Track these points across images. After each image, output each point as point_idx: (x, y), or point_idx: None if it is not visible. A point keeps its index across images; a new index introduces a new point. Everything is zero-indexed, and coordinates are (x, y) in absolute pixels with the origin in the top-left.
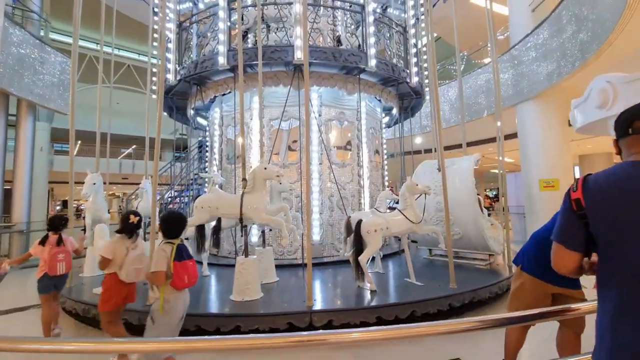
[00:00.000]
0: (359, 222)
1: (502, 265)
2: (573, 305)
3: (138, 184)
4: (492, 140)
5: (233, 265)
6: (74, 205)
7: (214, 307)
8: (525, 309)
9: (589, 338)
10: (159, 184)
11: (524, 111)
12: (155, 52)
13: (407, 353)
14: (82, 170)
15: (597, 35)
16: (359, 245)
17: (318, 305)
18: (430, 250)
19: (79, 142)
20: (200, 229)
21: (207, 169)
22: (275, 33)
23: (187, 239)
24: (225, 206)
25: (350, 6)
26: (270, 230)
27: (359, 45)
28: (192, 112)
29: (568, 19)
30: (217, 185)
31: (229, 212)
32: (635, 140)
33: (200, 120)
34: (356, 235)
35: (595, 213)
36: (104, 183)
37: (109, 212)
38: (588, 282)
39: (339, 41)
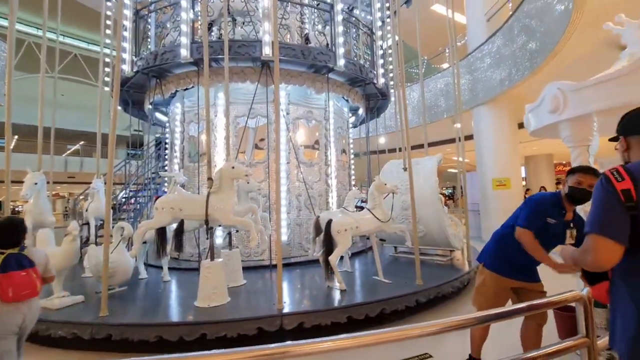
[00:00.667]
0: (329, 222)
1: (461, 261)
2: (539, 301)
3: (86, 183)
4: (451, 141)
5: (196, 269)
6: (11, 207)
7: (176, 315)
8: (489, 303)
9: (549, 329)
10: (113, 183)
11: (479, 114)
12: (108, 41)
13: (380, 350)
14: (21, 168)
15: (545, 45)
16: (329, 245)
17: (288, 307)
18: (395, 247)
19: (16, 136)
20: (161, 231)
21: (167, 168)
22: (242, 27)
23: (145, 242)
24: (190, 207)
25: (319, 4)
26: (237, 231)
27: (327, 44)
28: (150, 106)
29: (519, 29)
30: (178, 185)
31: (194, 213)
32: None
33: (159, 115)
34: (326, 235)
35: None
36: (47, 182)
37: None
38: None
39: (307, 39)
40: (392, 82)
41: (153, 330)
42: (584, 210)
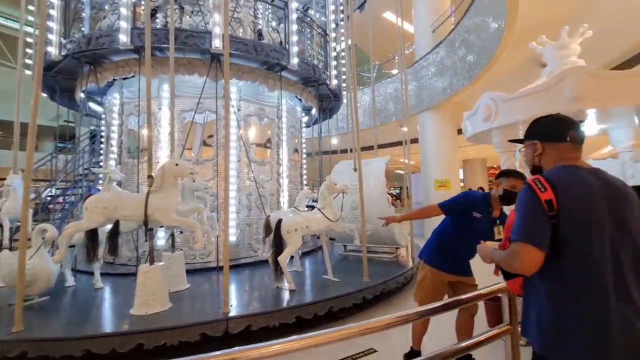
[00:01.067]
0: (279, 222)
1: (406, 257)
2: (472, 294)
3: (1, 179)
4: (399, 143)
5: (134, 274)
6: None
7: (108, 325)
8: (429, 298)
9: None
10: (36, 179)
11: (424, 119)
12: (31, 19)
13: (327, 347)
14: None
15: (481, 59)
16: (278, 245)
17: (235, 310)
18: (345, 246)
19: None
20: (92, 234)
21: (102, 164)
22: (190, 17)
23: (72, 246)
24: (127, 207)
25: (273, 1)
26: (181, 232)
27: (281, 42)
28: (82, 95)
29: (460, 43)
30: (114, 183)
31: (131, 213)
32: (571, 147)
33: (93, 106)
34: (276, 235)
35: (569, 213)
36: None
37: None
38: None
39: (260, 35)
40: (344, 84)
41: (79, 343)
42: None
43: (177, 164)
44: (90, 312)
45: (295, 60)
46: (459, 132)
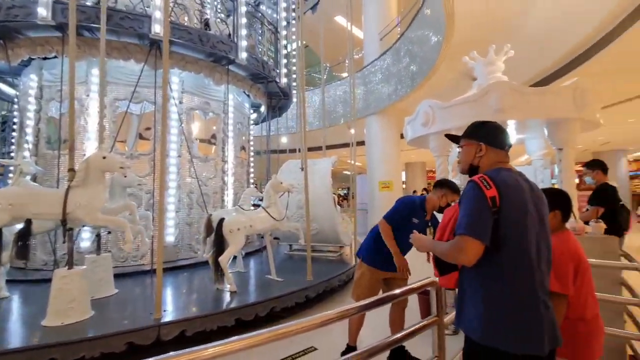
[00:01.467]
0: (221, 221)
1: (349, 255)
2: (405, 288)
3: None
4: (347, 145)
5: (50, 280)
6: None
7: (15, 339)
8: (365, 294)
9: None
10: None
11: (371, 123)
12: None
13: (267, 348)
14: None
15: (423, 69)
16: (219, 245)
17: (169, 316)
18: (290, 245)
19: None
20: None
21: (13, 154)
22: None
23: None
24: (40, 204)
25: None
26: (109, 233)
27: (229, 34)
28: None
29: (404, 52)
30: (27, 177)
31: (45, 211)
32: (505, 154)
33: (3, 87)
34: (217, 235)
35: (509, 210)
36: None
37: None
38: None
39: (207, 25)
40: (295, 84)
41: None
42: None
43: (104, 157)
44: None
45: (243, 55)
46: (402, 136)
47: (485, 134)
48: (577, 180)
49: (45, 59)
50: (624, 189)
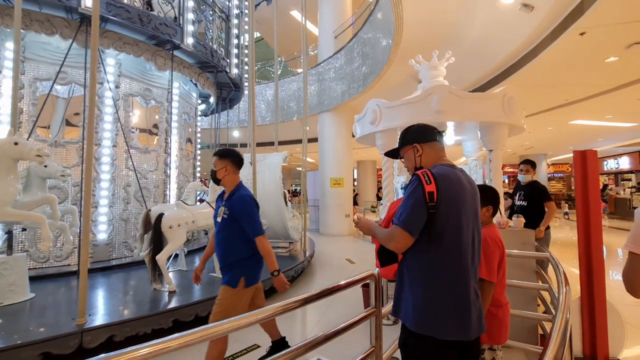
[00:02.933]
0: (160, 216)
1: (299, 251)
2: (345, 281)
3: None
4: (300, 141)
5: None
6: None
7: None
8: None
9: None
10: None
11: (324, 120)
12: None
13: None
14: None
15: (374, 70)
16: (158, 242)
17: (96, 320)
18: None
19: None
20: None
21: None
22: None
23: None
24: None
25: None
26: (24, 230)
27: (175, 17)
28: None
29: (357, 52)
30: None
31: None
32: (441, 146)
33: None
34: (155, 231)
35: (446, 205)
36: None
37: None
38: None
39: (149, 5)
40: (247, 75)
41: None
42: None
43: (16, 143)
44: None
45: (190, 40)
46: (354, 134)
47: (415, 135)
48: (505, 180)
49: None
50: None
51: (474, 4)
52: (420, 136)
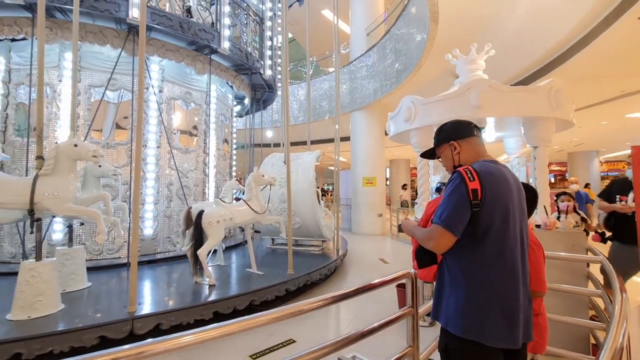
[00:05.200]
0: (200, 213)
1: (332, 250)
2: (378, 280)
3: None
4: (332, 140)
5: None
6: None
7: None
8: None
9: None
10: None
11: (356, 118)
12: None
13: (246, 340)
14: None
15: (407, 67)
16: (198, 238)
17: (144, 309)
18: (272, 239)
19: None
20: None
21: None
22: None
23: None
24: (4, 192)
25: None
26: (82, 224)
27: (213, 23)
28: None
29: (390, 49)
30: None
31: (10, 200)
32: (479, 141)
33: None
34: (196, 227)
35: (491, 203)
36: None
37: None
38: None
39: (189, 12)
40: (280, 76)
41: None
42: None
43: (75, 145)
44: None
45: (226, 44)
46: (387, 133)
47: (450, 132)
48: (551, 179)
49: (13, 40)
50: (596, 190)
51: None
52: (455, 133)
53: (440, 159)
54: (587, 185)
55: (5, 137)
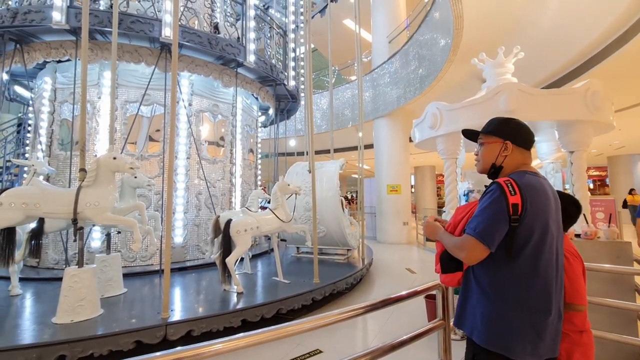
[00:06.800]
0: (228, 222)
1: (357, 258)
2: (407, 291)
3: None
4: (355, 148)
5: (61, 279)
6: None
7: (26, 336)
8: None
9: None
10: None
11: (379, 126)
12: None
13: (273, 349)
14: None
15: (431, 72)
16: (227, 246)
17: (176, 315)
18: (298, 248)
19: None
20: (9, 233)
21: (27, 155)
22: (139, 1)
23: None
24: (52, 203)
25: None
26: (119, 232)
27: (238, 38)
28: (5, 77)
29: (413, 55)
30: (41, 177)
31: (57, 210)
32: (530, 155)
33: (19, 90)
34: (225, 236)
35: (531, 218)
36: None
37: None
38: None
39: (216, 29)
40: (303, 86)
41: None
42: None
43: (114, 157)
44: (4, 322)
45: (252, 58)
46: (411, 139)
47: (512, 132)
48: (590, 185)
49: (59, 62)
50: None
51: None
52: (517, 136)
53: (477, 152)
54: (631, 191)
55: (50, 151)
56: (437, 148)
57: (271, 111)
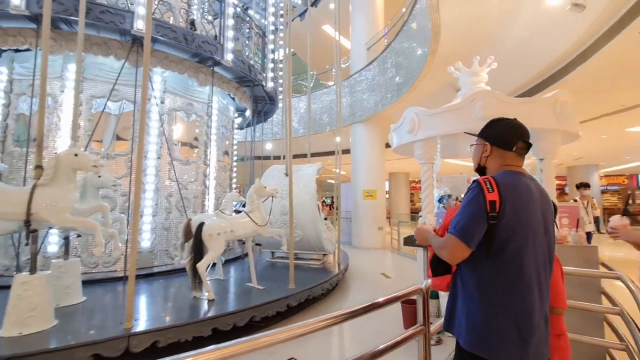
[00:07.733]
0: (201, 225)
1: (332, 263)
2: (388, 296)
3: None
4: (332, 153)
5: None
6: None
7: None
8: None
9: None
10: None
11: (356, 131)
12: None
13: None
14: None
15: (408, 80)
16: (198, 251)
17: (141, 325)
18: (272, 252)
19: None
20: None
21: None
22: None
23: None
24: (0, 202)
25: None
26: (79, 236)
27: (216, 36)
28: None
29: (390, 63)
30: None
31: (7, 210)
32: (515, 156)
33: None
34: (196, 240)
35: (510, 217)
36: None
37: None
38: None
39: (192, 25)
40: (281, 89)
41: None
42: None
43: (76, 154)
44: None
45: (229, 56)
46: (387, 145)
47: (492, 134)
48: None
49: (17, 51)
50: (597, 203)
51: (517, 7)
52: (495, 139)
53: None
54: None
55: (4, 147)
56: (414, 153)
57: (248, 113)
